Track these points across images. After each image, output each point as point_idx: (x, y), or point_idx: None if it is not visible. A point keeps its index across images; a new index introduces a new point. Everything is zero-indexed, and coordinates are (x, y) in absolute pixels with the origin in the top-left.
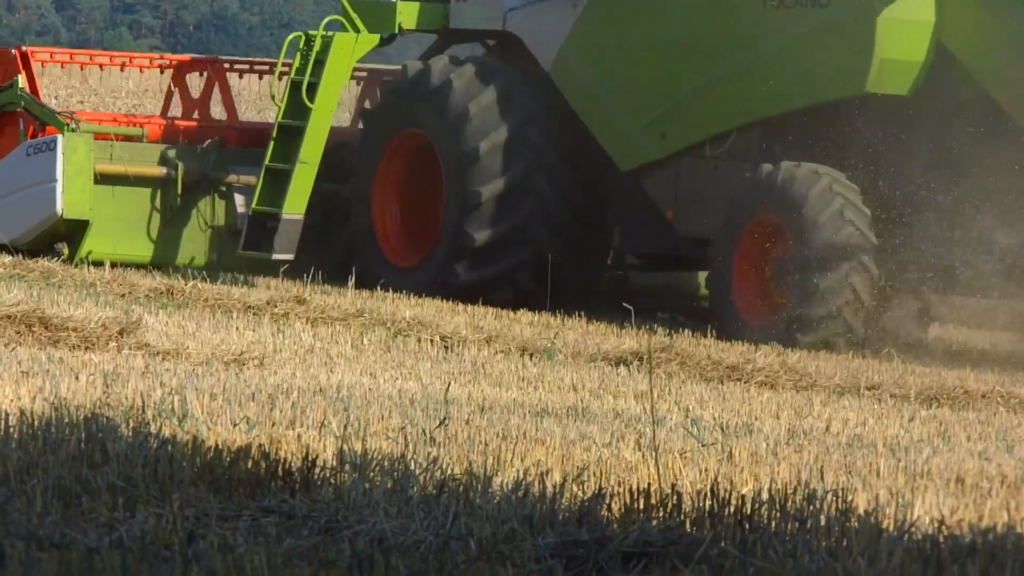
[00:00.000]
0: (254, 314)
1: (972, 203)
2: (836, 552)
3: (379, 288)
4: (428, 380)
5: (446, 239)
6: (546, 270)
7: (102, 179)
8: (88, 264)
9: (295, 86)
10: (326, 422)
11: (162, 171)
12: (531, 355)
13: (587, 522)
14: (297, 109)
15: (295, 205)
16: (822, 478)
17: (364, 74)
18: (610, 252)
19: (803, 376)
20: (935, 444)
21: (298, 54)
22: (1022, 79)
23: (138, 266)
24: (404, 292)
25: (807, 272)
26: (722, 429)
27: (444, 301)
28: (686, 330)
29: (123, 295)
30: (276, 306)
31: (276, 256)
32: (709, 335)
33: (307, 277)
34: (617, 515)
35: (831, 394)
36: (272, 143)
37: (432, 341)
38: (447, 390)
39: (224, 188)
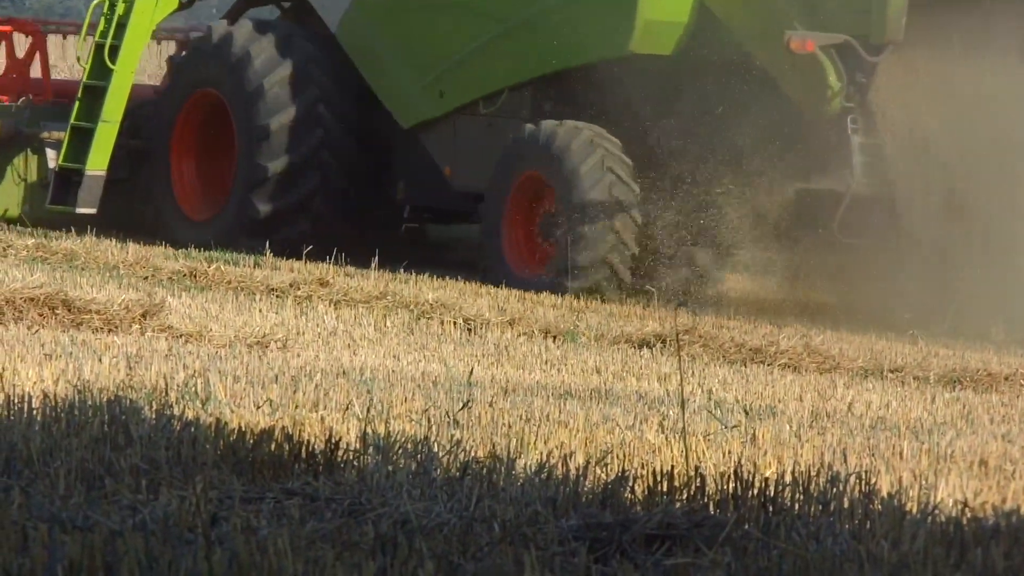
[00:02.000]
0: (277, 296)
1: (733, 160)
2: (859, 535)
3: (401, 270)
4: (451, 362)
5: (241, 179)
6: (339, 202)
7: None
8: (110, 246)
9: (99, 48)
10: (349, 404)
11: None
12: (554, 337)
13: (610, 504)
14: (101, 70)
15: (98, 161)
16: (845, 461)
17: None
18: (406, 206)
19: (826, 358)
20: (958, 426)
21: (102, 17)
22: (778, 39)
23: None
24: (429, 274)
25: (572, 224)
26: (745, 411)
27: (467, 283)
28: (709, 313)
29: (146, 277)
30: (299, 288)
31: (80, 210)
32: (733, 317)
33: (330, 259)
34: (640, 497)
35: (854, 376)
36: (78, 102)
37: (455, 323)
38: (471, 373)
39: (37, 144)
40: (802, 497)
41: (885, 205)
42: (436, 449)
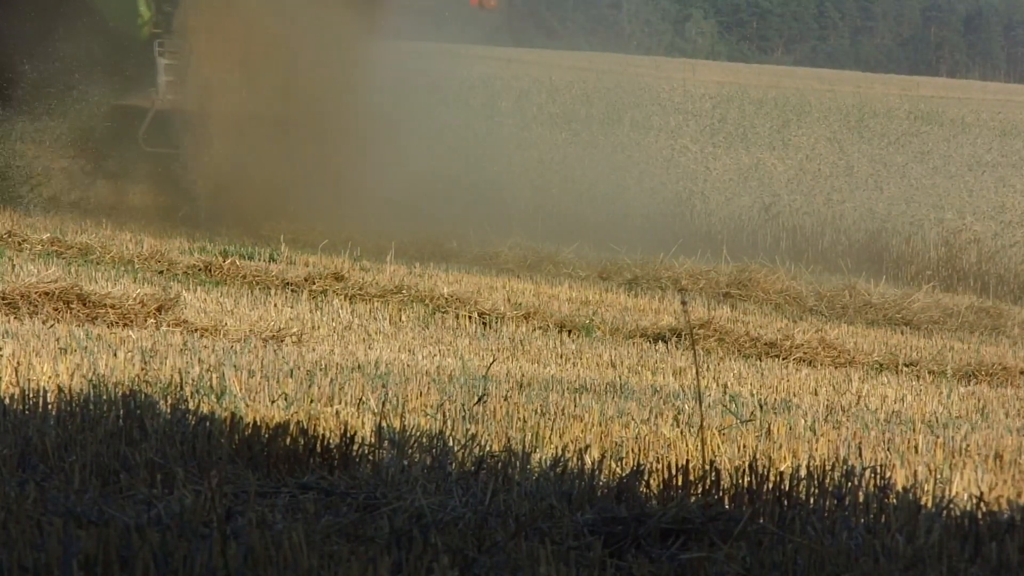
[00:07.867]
0: (292, 291)
1: (61, 79)
2: (874, 528)
3: (417, 265)
4: (467, 357)
5: None
6: None
7: None
8: (125, 240)
9: None
10: (364, 399)
11: None
12: (569, 332)
13: (626, 498)
14: None
15: None
16: (860, 455)
17: None
18: None
19: (841, 352)
20: (973, 420)
21: None
22: None
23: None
24: (443, 270)
25: None
26: (760, 406)
27: (483, 277)
28: (724, 307)
29: (161, 272)
30: (314, 283)
31: None
32: (748, 312)
33: (345, 254)
34: (656, 491)
35: (869, 371)
36: None
37: (470, 318)
38: (489, 366)
39: None
40: (817, 491)
41: (187, 119)
42: (451, 443)
